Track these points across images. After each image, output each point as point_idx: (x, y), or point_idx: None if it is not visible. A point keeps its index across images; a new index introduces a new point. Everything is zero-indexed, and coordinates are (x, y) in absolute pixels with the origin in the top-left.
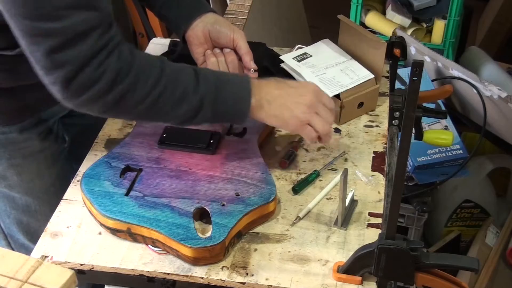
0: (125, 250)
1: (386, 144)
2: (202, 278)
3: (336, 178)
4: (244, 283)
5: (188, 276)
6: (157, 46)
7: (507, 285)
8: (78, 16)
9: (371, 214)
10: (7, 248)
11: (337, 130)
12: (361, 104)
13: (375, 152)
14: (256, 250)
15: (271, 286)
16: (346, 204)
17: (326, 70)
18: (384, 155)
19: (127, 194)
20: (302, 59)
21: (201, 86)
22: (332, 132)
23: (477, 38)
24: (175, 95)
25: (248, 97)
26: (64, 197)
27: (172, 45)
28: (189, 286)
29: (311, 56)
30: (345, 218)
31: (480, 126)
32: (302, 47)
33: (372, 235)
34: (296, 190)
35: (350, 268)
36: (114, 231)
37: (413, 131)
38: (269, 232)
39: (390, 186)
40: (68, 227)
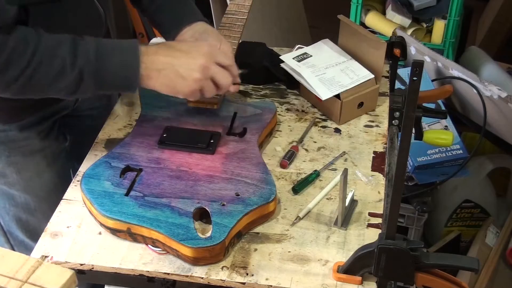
0: (125, 250)
1: (386, 144)
2: (202, 278)
3: (336, 178)
4: (244, 283)
5: (188, 276)
6: None
7: (507, 285)
8: None
9: (371, 214)
10: (7, 245)
11: (337, 130)
12: (361, 104)
13: (375, 152)
14: (256, 250)
15: (271, 286)
16: (346, 204)
17: (326, 70)
18: (384, 155)
19: (127, 194)
20: (302, 59)
21: (79, 59)
22: (230, 84)
23: (477, 38)
24: (51, 71)
25: (137, 66)
26: (64, 197)
27: None
28: (189, 286)
29: (311, 56)
30: (345, 218)
31: (480, 126)
32: (302, 47)
33: (372, 235)
34: (296, 190)
35: (350, 268)
36: (114, 231)
37: (413, 131)
38: (269, 232)
39: (390, 186)
40: (68, 227)
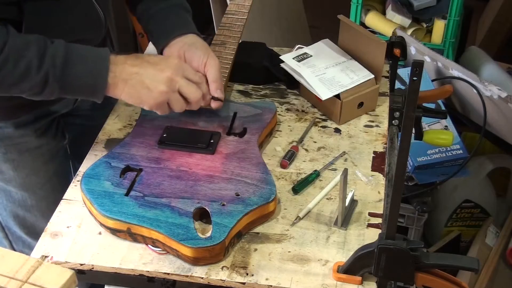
0: (125, 250)
1: (386, 144)
2: (202, 278)
3: (336, 178)
4: (244, 283)
5: (188, 276)
6: None
7: (507, 285)
8: None
9: (371, 214)
10: (5, 241)
11: (337, 130)
12: (361, 104)
13: (375, 152)
14: (256, 250)
15: (271, 286)
16: (346, 204)
17: (326, 70)
18: (384, 155)
19: (127, 194)
20: (302, 59)
21: (46, 63)
22: (202, 99)
23: (477, 38)
24: (16, 71)
25: (105, 74)
26: (64, 197)
27: None
28: (189, 286)
29: (311, 56)
30: (345, 218)
31: (480, 126)
32: (302, 47)
33: (372, 235)
34: (296, 190)
35: (350, 268)
36: (114, 231)
37: (413, 131)
38: (269, 232)
39: (390, 186)
40: (68, 227)
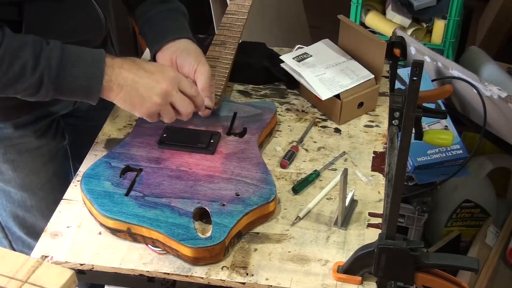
0: (125, 250)
1: (386, 144)
2: (202, 278)
3: (336, 178)
4: (244, 283)
5: (188, 276)
6: None
7: (507, 285)
8: None
9: (371, 214)
10: (5, 241)
11: (337, 130)
12: (361, 104)
13: (375, 152)
14: (256, 250)
15: (271, 286)
16: (346, 204)
17: (326, 70)
18: (384, 155)
19: (127, 194)
20: (302, 59)
21: (41, 64)
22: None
23: (477, 38)
24: (11, 72)
25: (100, 77)
26: (64, 197)
27: None
28: (189, 286)
29: (311, 56)
30: (345, 218)
31: (480, 126)
32: (302, 47)
33: (372, 235)
34: (296, 190)
35: (350, 268)
36: (114, 231)
37: (413, 131)
38: (269, 232)
39: (390, 186)
40: (68, 227)
